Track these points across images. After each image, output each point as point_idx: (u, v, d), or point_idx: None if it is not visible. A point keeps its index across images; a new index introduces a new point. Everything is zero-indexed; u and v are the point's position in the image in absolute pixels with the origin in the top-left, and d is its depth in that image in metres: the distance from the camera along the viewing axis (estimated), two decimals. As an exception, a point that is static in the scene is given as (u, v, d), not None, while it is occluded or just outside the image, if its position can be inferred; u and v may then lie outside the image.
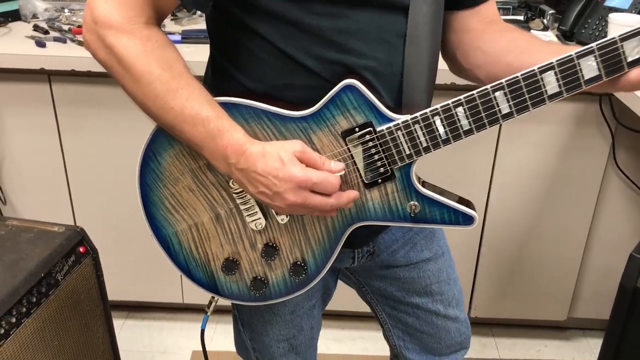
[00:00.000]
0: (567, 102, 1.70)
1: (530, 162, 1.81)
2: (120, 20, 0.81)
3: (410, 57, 0.91)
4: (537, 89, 0.84)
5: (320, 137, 0.90)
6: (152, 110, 0.85)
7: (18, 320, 1.23)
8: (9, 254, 1.34)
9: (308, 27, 0.85)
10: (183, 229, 0.98)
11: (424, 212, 0.94)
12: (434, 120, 0.88)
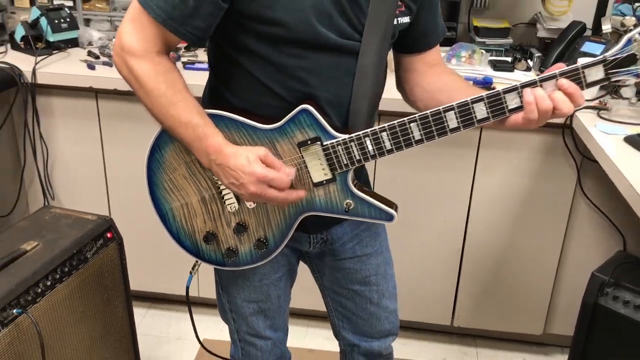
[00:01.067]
0: (536, 133, 1.93)
1: (506, 186, 2.03)
2: (139, 50, 1.11)
3: (356, 90, 1.18)
4: (441, 123, 1.10)
5: (282, 145, 1.17)
6: (158, 116, 1.15)
7: (52, 284, 1.53)
8: (50, 234, 1.66)
9: (278, 64, 1.14)
10: (176, 207, 1.26)
11: (357, 209, 1.20)
12: (365, 140, 1.14)
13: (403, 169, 2.06)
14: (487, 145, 1.98)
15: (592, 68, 1.06)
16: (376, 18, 1.15)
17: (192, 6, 1.06)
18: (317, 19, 1.10)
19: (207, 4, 1.07)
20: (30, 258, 1.55)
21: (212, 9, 1.08)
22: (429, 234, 2.13)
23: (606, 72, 1.05)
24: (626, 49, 1.05)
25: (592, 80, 1.06)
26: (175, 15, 1.07)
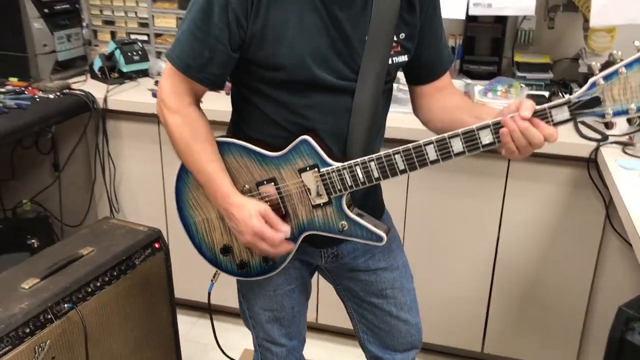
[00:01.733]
0: (562, 166, 1.97)
1: (535, 217, 2.08)
2: (173, 104, 1.31)
3: (352, 124, 1.31)
4: (422, 155, 1.23)
5: (285, 170, 1.32)
6: (181, 157, 1.36)
7: (101, 285, 1.75)
8: (105, 241, 1.88)
9: (283, 102, 1.30)
10: (199, 221, 1.44)
11: (350, 230, 1.33)
12: (355, 169, 1.28)
13: (435, 196, 2.15)
14: (515, 176, 2.05)
15: (558, 108, 1.14)
16: (371, 60, 1.28)
17: (207, 56, 1.24)
18: (315, 64, 1.25)
19: (220, 54, 1.24)
20: (85, 261, 1.78)
21: (225, 58, 1.25)
22: (459, 260, 2.20)
23: (571, 112, 1.14)
24: (590, 92, 1.13)
25: (559, 120, 1.15)
26: (194, 64, 1.26)
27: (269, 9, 1.22)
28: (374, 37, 1.27)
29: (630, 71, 1.11)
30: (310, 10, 1.23)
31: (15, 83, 2.37)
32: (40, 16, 2.38)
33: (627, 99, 1.12)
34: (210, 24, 1.22)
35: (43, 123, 2.10)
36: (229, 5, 1.20)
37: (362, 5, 1.26)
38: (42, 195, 2.57)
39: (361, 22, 1.27)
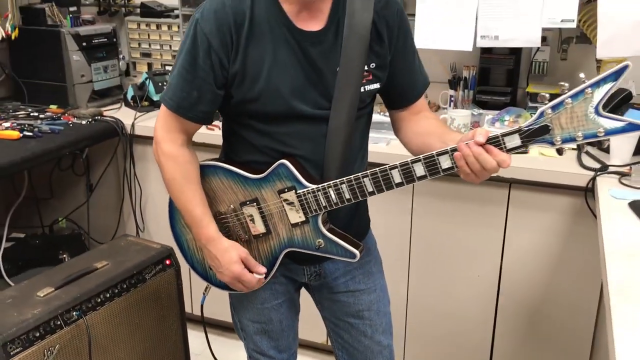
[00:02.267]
0: (561, 195, 1.99)
1: (537, 244, 2.09)
2: (166, 146, 1.43)
3: (328, 149, 1.40)
4: (387, 178, 1.31)
5: (266, 191, 1.42)
6: (172, 195, 1.48)
7: (111, 297, 1.88)
8: (120, 257, 2.02)
9: (265, 131, 1.41)
10: (190, 238, 1.55)
11: (326, 247, 1.42)
12: (328, 190, 1.37)
13: (439, 222, 2.19)
14: (516, 204, 2.07)
15: (510, 136, 1.21)
16: (343, 89, 1.37)
17: (196, 96, 1.37)
18: (291, 95, 1.36)
19: (206, 93, 1.37)
20: (98, 274, 1.92)
21: (211, 96, 1.38)
22: (464, 285, 2.23)
23: (522, 140, 1.20)
24: (539, 121, 1.20)
25: (512, 146, 1.21)
26: (184, 104, 1.38)
27: (247, 49, 1.34)
28: (346, 68, 1.37)
29: (575, 101, 1.18)
30: (285, 48, 1.35)
31: (54, 110, 2.59)
32: (78, 49, 2.60)
33: (574, 127, 1.19)
34: (197, 67, 1.35)
35: (72, 147, 2.29)
36: (212, 49, 1.33)
37: (332, 41, 1.37)
38: (76, 213, 2.76)
39: (332, 56, 1.37)
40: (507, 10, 2.22)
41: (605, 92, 1.16)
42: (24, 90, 2.70)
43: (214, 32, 1.33)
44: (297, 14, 1.36)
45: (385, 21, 1.41)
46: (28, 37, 2.61)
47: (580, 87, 1.17)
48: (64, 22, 2.64)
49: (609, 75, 1.15)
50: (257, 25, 1.35)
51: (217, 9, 1.34)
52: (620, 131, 1.17)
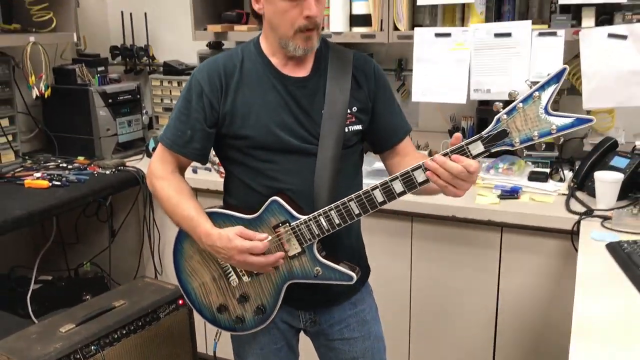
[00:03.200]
0: (548, 238, 2.10)
1: (530, 285, 2.18)
2: (160, 172, 1.61)
3: (317, 182, 1.55)
4: (371, 199, 1.46)
5: (262, 229, 1.56)
6: (170, 214, 1.61)
7: (127, 333, 2.03)
8: (136, 296, 2.18)
9: (256, 169, 1.57)
10: (196, 286, 1.68)
11: (324, 274, 1.54)
12: (319, 219, 1.50)
13: (437, 266, 2.31)
14: (508, 247, 2.18)
15: (474, 144, 1.37)
16: (329, 127, 1.54)
17: (189, 134, 1.56)
18: (280, 130, 1.53)
19: (199, 131, 1.55)
20: (116, 312, 2.08)
21: (203, 134, 1.56)
22: (462, 327, 2.32)
23: (485, 145, 1.36)
24: (497, 127, 1.35)
25: (477, 152, 1.37)
26: (179, 141, 1.57)
27: (236, 93, 1.55)
28: (330, 111, 1.56)
29: (526, 105, 1.33)
30: (272, 91, 1.55)
31: (81, 161, 2.80)
32: (105, 105, 2.83)
33: (530, 128, 1.34)
34: (190, 109, 1.55)
35: (96, 195, 2.48)
36: (203, 93, 1.55)
37: (316, 86, 1.56)
38: (99, 257, 2.94)
39: (317, 99, 1.56)
40: (498, 67, 2.39)
41: (551, 93, 1.32)
42: (54, 143, 2.93)
43: (205, 80, 1.55)
44: (284, 65, 1.57)
45: (364, 73, 1.62)
46: (59, 95, 2.84)
47: (529, 92, 1.32)
48: (92, 81, 2.88)
49: (551, 78, 1.32)
50: (246, 74, 1.56)
51: (210, 62, 1.59)
52: (569, 126, 1.32)
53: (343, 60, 1.61)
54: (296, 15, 1.48)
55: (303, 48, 1.51)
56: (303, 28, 1.49)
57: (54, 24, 2.79)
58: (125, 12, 3.23)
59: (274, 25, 1.52)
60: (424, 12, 2.56)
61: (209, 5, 2.87)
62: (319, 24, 1.52)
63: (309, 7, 1.47)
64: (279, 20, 1.50)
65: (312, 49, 1.54)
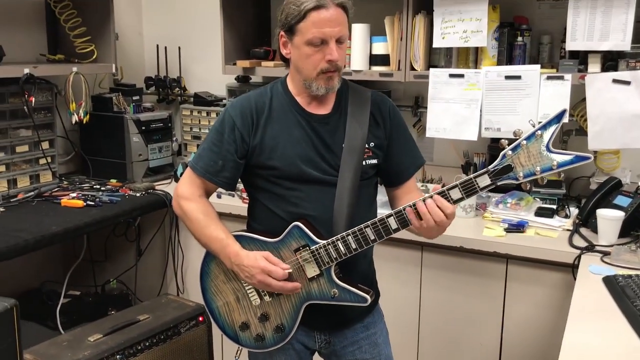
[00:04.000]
0: (551, 271, 2.20)
1: (535, 317, 2.27)
2: (188, 195, 1.75)
3: (336, 210, 1.69)
4: (386, 226, 1.60)
5: (284, 252, 1.70)
6: (198, 236, 1.75)
7: (149, 345, 2.17)
8: (159, 311, 2.32)
9: (280, 195, 1.71)
10: (220, 305, 1.81)
11: (340, 295, 1.67)
12: (337, 243, 1.64)
13: (445, 294, 2.41)
14: (513, 278, 2.28)
15: (480, 177, 1.51)
16: (348, 161, 1.69)
17: (220, 164, 1.71)
18: (303, 163, 1.68)
19: (230, 161, 1.70)
20: (140, 325, 2.22)
21: (234, 164, 1.71)
22: (468, 352, 2.41)
23: (491, 179, 1.51)
24: (502, 162, 1.50)
25: (484, 185, 1.51)
26: (210, 170, 1.72)
27: (266, 128, 1.70)
28: (349, 145, 1.71)
29: (529, 142, 1.47)
30: (297, 127, 1.71)
31: (113, 184, 2.99)
32: (138, 132, 3.02)
33: (532, 163, 1.48)
34: (223, 141, 1.71)
35: (127, 215, 2.65)
36: (236, 127, 1.70)
37: (337, 122, 1.72)
38: (125, 275, 3.10)
39: (337, 134, 1.71)
40: (508, 107, 2.52)
41: (552, 132, 1.46)
42: (89, 166, 3.13)
43: (238, 115, 1.71)
44: (308, 104, 1.74)
45: (380, 112, 1.78)
46: (96, 121, 3.05)
47: (532, 131, 1.47)
48: (128, 109, 3.09)
49: (552, 119, 1.46)
50: (274, 111, 1.72)
51: (243, 99, 1.75)
52: (569, 163, 1.46)
53: (362, 98, 1.76)
54: (319, 59, 1.63)
55: (325, 87, 1.67)
56: (325, 70, 1.64)
57: (95, 55, 3.01)
58: (160, 46, 3.45)
59: (299, 68, 1.68)
60: (439, 54, 2.71)
61: (239, 42, 3.06)
62: (340, 67, 1.68)
63: (331, 52, 1.62)
64: (303, 64, 1.66)
65: (333, 88, 1.69)
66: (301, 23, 1.61)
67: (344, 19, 1.65)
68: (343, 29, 1.64)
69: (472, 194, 1.55)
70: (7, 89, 2.68)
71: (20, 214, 2.50)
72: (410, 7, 2.61)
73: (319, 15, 1.60)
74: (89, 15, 3.01)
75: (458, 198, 1.56)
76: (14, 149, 2.77)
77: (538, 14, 2.73)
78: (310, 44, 1.62)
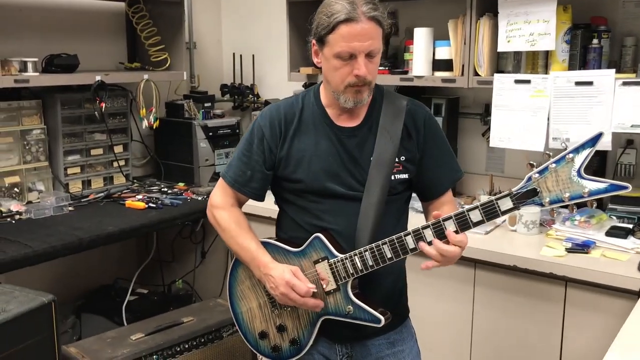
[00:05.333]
0: (615, 297, 1.98)
1: (596, 348, 2.06)
2: (221, 204, 1.75)
3: (359, 225, 1.63)
4: (403, 245, 1.54)
5: (304, 262, 1.66)
6: (230, 244, 1.75)
7: (189, 348, 2.21)
8: (204, 314, 2.37)
9: (305, 208, 1.68)
10: (244, 311, 1.80)
11: (355, 313, 1.61)
12: (354, 259, 1.58)
13: (499, 314, 2.25)
14: (572, 303, 2.08)
15: (502, 200, 1.40)
16: (375, 175, 1.63)
17: (249, 175, 1.70)
18: (327, 178, 1.64)
19: (258, 172, 1.69)
20: (183, 327, 2.26)
21: (262, 175, 1.70)
22: (523, 382, 2.24)
23: (513, 202, 1.39)
24: (527, 185, 1.38)
25: (505, 209, 1.40)
26: (239, 180, 1.71)
27: (293, 140, 1.67)
28: (378, 159, 1.64)
29: (559, 166, 1.35)
30: (325, 139, 1.66)
31: (180, 187, 3.08)
32: (205, 137, 3.10)
33: (561, 189, 1.35)
34: (252, 152, 1.69)
35: (185, 218, 2.72)
36: (264, 139, 1.68)
37: (366, 135, 1.66)
38: (190, 276, 3.19)
39: (366, 147, 1.65)
40: (578, 115, 2.31)
41: (585, 156, 1.32)
42: (161, 169, 3.25)
43: (267, 126, 1.68)
44: (339, 116, 1.68)
45: (414, 123, 1.69)
46: (168, 127, 3.17)
47: (563, 154, 1.34)
48: (197, 115, 3.17)
49: (587, 142, 1.32)
50: (304, 123, 1.68)
51: (272, 109, 1.72)
52: (603, 191, 1.33)
53: (396, 109, 1.68)
54: (347, 73, 1.58)
55: (353, 100, 1.62)
56: (353, 84, 1.59)
57: (168, 63, 3.13)
58: (236, 54, 3.53)
59: (328, 79, 1.64)
60: (507, 59, 2.55)
61: (303, 49, 3.05)
62: (370, 81, 1.61)
63: (359, 67, 1.56)
64: (331, 76, 1.62)
65: (361, 102, 1.63)
66: (330, 35, 1.56)
67: (376, 32, 1.56)
68: (374, 43, 1.56)
69: (493, 217, 1.45)
70: (83, 95, 2.84)
71: (85, 213, 2.64)
72: (474, 9, 2.48)
73: (349, 28, 1.53)
74: (163, 25, 3.13)
75: (478, 220, 1.46)
76: (89, 151, 2.94)
77: (622, 14, 2.49)
78: (339, 57, 1.57)
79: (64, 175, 2.86)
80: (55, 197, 2.64)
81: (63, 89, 2.83)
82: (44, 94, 2.80)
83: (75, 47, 2.86)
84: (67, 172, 2.87)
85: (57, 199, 2.63)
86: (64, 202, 2.65)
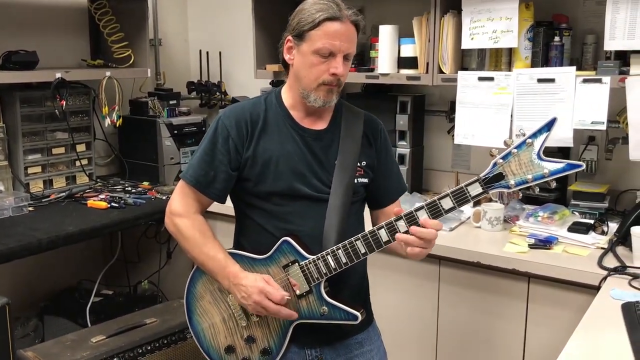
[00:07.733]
0: (576, 292, 1.99)
1: (559, 341, 2.07)
2: (182, 211, 1.69)
3: (327, 227, 1.62)
4: (377, 238, 1.55)
5: (272, 269, 1.64)
6: (194, 255, 1.68)
7: (152, 350, 2.17)
8: (168, 315, 2.33)
9: (270, 211, 1.65)
10: (206, 327, 1.75)
11: (330, 313, 1.59)
12: (327, 258, 1.58)
13: (464, 311, 2.25)
14: (535, 299, 2.10)
15: (472, 185, 1.46)
16: (340, 177, 1.64)
17: (212, 175, 1.65)
18: (294, 179, 1.62)
19: (222, 173, 1.65)
20: (145, 328, 2.22)
21: (226, 176, 1.65)
22: (488, 378, 2.25)
23: (482, 187, 1.46)
24: (494, 170, 1.45)
25: (475, 194, 1.46)
26: (202, 181, 1.66)
27: (259, 140, 1.65)
28: (342, 162, 1.65)
29: (520, 150, 1.44)
30: (290, 141, 1.65)
31: (144, 186, 3.03)
32: (170, 136, 3.05)
33: (524, 171, 1.43)
34: (215, 151, 1.65)
35: (147, 218, 2.67)
36: (230, 138, 1.64)
37: (331, 139, 1.67)
38: (155, 276, 3.14)
39: (331, 150, 1.66)
40: (540, 112, 2.33)
41: (543, 140, 1.42)
42: (126, 168, 3.19)
43: (233, 125, 1.65)
44: (303, 119, 1.68)
45: (372, 134, 1.74)
46: (132, 125, 3.11)
47: (523, 139, 1.43)
48: (162, 113, 3.13)
49: (543, 127, 1.43)
50: (269, 124, 1.66)
51: (237, 108, 1.69)
52: (561, 171, 1.42)
53: (355, 117, 1.73)
54: (323, 71, 1.59)
55: (323, 100, 1.62)
56: (327, 82, 1.60)
57: (132, 60, 3.07)
58: (203, 51, 3.48)
59: (300, 76, 1.62)
60: (471, 56, 2.56)
61: (270, 46, 3.03)
62: (342, 83, 1.63)
63: (337, 66, 1.58)
64: (306, 72, 1.61)
65: (329, 102, 1.64)
66: (313, 31, 1.58)
67: (355, 37, 1.63)
68: (352, 47, 1.62)
69: (463, 202, 1.50)
70: (43, 93, 2.78)
71: (45, 213, 2.58)
72: (439, 7, 2.48)
73: (334, 26, 1.57)
74: (127, 22, 3.08)
75: (449, 207, 1.50)
76: (50, 150, 2.87)
77: (583, 11, 2.51)
78: (318, 54, 1.58)
79: (24, 175, 2.79)
80: (15, 197, 2.58)
81: (22, 87, 2.76)
82: (2, 92, 2.73)
83: (34, 43, 2.79)
84: (28, 171, 2.80)
85: (16, 199, 2.56)
86: (24, 202, 2.58)
